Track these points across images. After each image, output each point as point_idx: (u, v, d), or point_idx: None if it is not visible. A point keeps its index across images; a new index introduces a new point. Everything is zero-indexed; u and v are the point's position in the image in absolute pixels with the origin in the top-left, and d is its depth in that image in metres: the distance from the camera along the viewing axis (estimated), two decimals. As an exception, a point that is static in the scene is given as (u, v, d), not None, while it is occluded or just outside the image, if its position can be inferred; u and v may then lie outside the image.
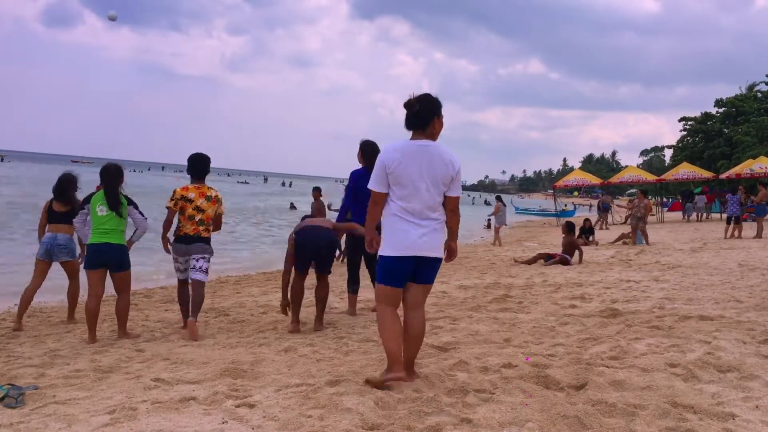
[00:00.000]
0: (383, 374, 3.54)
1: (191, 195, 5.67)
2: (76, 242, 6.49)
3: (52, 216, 6.35)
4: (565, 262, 11.49)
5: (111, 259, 5.57)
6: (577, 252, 11.84)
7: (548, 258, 11.68)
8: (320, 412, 3.12)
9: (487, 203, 59.28)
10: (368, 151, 6.17)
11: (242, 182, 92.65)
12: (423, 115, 3.57)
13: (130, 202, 5.74)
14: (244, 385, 3.71)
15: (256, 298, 8.03)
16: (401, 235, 3.52)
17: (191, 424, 3.05)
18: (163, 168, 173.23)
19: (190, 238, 5.66)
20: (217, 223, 5.87)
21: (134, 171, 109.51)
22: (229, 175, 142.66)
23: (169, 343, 5.30)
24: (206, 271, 5.76)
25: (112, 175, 5.71)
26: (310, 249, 5.59)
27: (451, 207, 3.65)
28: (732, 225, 16.48)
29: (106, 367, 4.41)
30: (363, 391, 3.39)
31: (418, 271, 3.63)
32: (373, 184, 3.57)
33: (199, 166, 5.80)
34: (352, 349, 4.74)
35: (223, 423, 3.05)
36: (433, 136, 3.62)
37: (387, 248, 3.57)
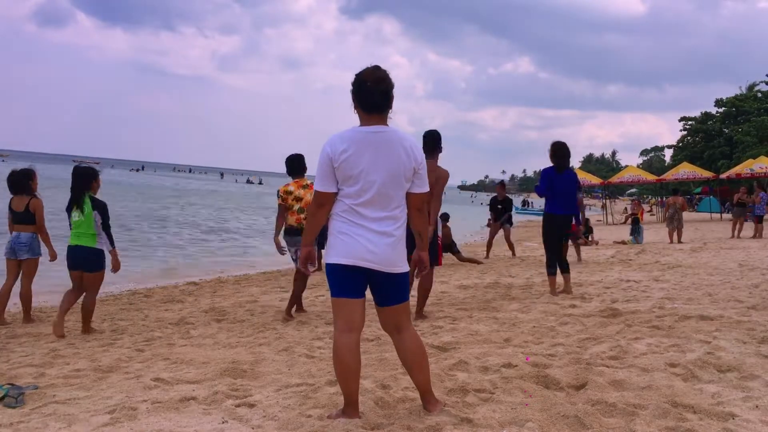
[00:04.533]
0: (338, 412, 3.05)
1: (291, 188, 6.43)
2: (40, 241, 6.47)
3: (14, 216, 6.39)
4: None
5: (83, 262, 5.76)
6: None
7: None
8: (320, 412, 3.12)
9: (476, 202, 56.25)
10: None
11: (258, 182, 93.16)
12: (386, 93, 2.97)
13: (96, 207, 5.76)
14: (244, 385, 3.71)
15: (256, 298, 8.02)
16: (347, 239, 2.93)
17: (191, 423, 3.05)
18: (174, 169, 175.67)
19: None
20: None
21: (137, 170, 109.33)
22: (191, 171, 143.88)
23: (169, 343, 5.30)
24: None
25: (76, 178, 5.82)
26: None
27: (416, 205, 3.05)
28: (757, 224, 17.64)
29: (106, 367, 4.41)
30: (363, 391, 3.38)
31: (376, 291, 3.04)
32: (317, 183, 2.96)
33: (295, 165, 6.49)
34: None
35: (223, 423, 3.05)
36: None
37: (331, 254, 2.97)
